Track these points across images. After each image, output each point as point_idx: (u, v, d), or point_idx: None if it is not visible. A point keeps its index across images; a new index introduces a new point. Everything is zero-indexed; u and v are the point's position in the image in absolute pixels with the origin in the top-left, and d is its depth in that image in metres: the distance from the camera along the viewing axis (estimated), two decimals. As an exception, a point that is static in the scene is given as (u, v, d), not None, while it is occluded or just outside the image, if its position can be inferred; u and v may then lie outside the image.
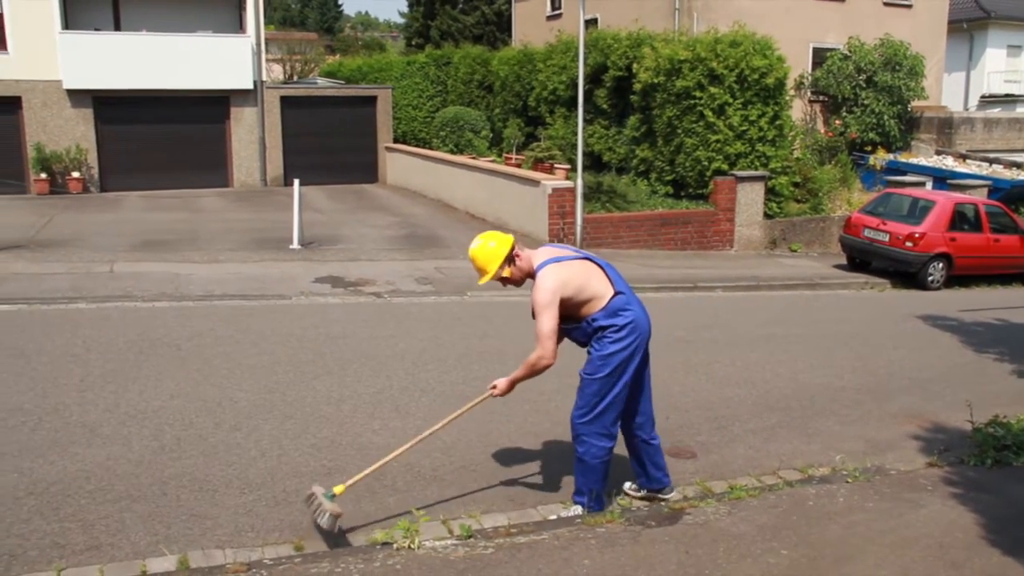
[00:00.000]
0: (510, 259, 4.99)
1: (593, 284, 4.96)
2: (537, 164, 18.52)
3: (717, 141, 16.01)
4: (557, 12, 27.76)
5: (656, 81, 16.36)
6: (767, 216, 16.69)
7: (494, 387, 5.25)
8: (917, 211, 14.98)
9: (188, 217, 17.34)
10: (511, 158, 19.87)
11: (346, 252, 13.96)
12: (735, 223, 16.33)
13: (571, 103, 18.93)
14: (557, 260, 4.97)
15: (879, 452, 6.62)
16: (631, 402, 5.19)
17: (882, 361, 9.33)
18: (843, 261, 15.86)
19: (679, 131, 16.29)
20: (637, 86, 16.99)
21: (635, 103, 17.41)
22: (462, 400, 7.27)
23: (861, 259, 15.51)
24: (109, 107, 21.57)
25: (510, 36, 34.12)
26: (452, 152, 21.88)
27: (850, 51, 22.26)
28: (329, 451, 6.10)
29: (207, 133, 22.57)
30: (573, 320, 4.99)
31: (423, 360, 8.38)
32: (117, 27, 22.46)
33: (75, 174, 21.10)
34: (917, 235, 14.32)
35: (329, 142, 23.42)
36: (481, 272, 5.01)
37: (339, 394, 7.30)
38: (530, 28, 28.60)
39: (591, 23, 22.59)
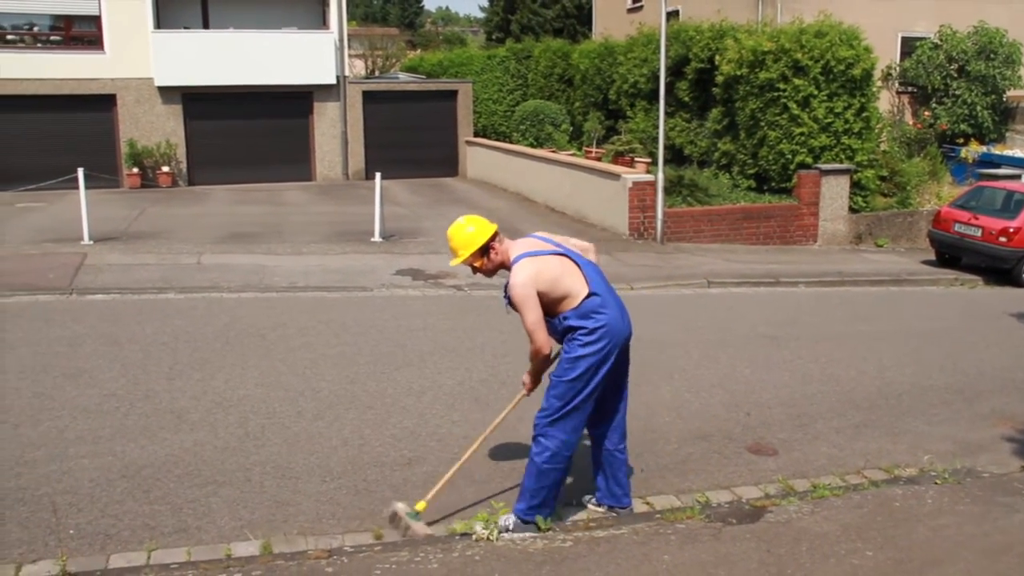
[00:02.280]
0: (484, 250, 4.82)
1: (566, 281, 4.75)
2: (617, 158, 18.41)
3: (801, 134, 15.70)
4: (638, 5, 27.53)
5: (739, 73, 16.12)
6: (852, 210, 16.32)
7: (524, 384, 5.16)
8: (1012, 205, 14.46)
9: (272, 210, 17.69)
10: (591, 152, 19.80)
11: (427, 245, 14.09)
12: (819, 217, 16.00)
13: (652, 96, 18.77)
14: (532, 254, 4.79)
15: (969, 454, 6.42)
16: (603, 408, 5.02)
17: (972, 360, 9.05)
18: (931, 257, 15.41)
19: (762, 124, 16.03)
20: (719, 78, 16.76)
21: (717, 96, 17.18)
22: (540, 393, 7.29)
23: (951, 255, 15.04)
24: (197, 103, 22.13)
25: (590, 29, 33.98)
26: (532, 146, 21.89)
27: (941, 40, 21.58)
28: (409, 441, 6.17)
29: (291, 128, 22.97)
30: (547, 315, 4.77)
31: (502, 352, 8.41)
32: (205, 25, 23.01)
33: (165, 168, 21.70)
34: (1012, 230, 13.83)
35: (410, 136, 23.63)
36: (453, 253, 4.89)
37: (419, 385, 7.38)
38: (611, 21, 28.44)
39: (673, 15, 22.35)
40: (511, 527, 4.82)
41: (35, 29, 21.99)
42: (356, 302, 10.51)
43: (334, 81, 22.65)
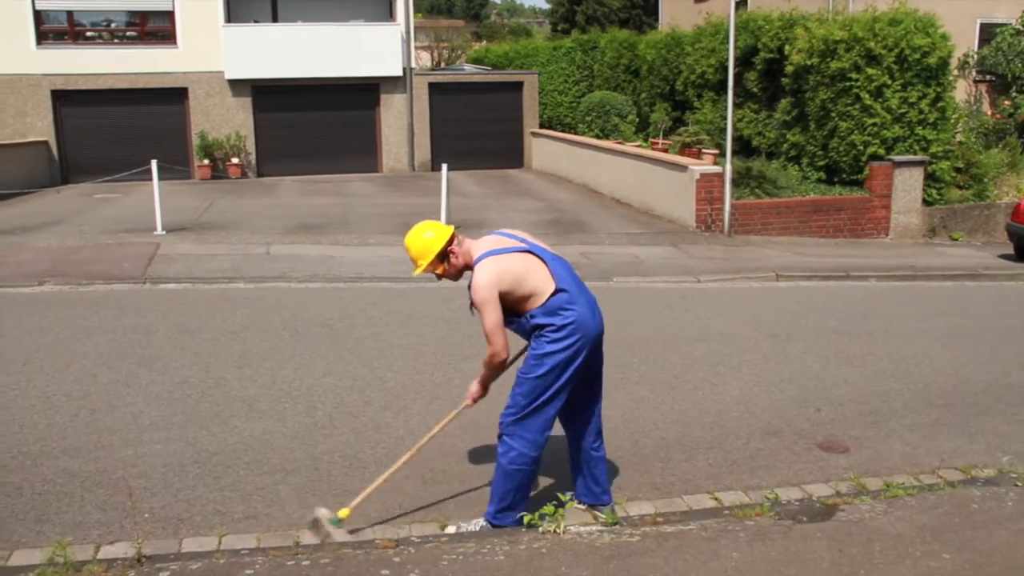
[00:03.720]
0: (444, 255, 4.70)
1: (532, 279, 4.59)
2: (684, 149, 18.21)
3: (873, 125, 15.36)
4: (706, -6, 27.19)
5: (809, 63, 15.82)
6: (926, 203, 15.93)
7: (470, 393, 4.98)
8: (1095, 198, 13.99)
9: (339, 201, 17.88)
10: (657, 143, 19.61)
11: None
12: (891, 210, 15.66)
13: (720, 87, 18.52)
14: (495, 252, 4.63)
15: (1051, 455, 6.22)
16: (576, 407, 4.91)
17: (1054, 358, 8.77)
18: (1009, 251, 14.96)
19: (833, 115, 15.72)
20: (789, 68, 16.47)
21: (786, 86, 16.89)
22: (607, 385, 7.23)
23: (1031, 249, 14.61)
24: (266, 96, 22.46)
25: (657, 20, 33.66)
26: (598, 137, 21.76)
27: (1023, 26, 20.93)
28: (475, 433, 6.18)
29: (357, 120, 23.19)
30: (513, 314, 4.66)
31: (568, 345, 8.38)
32: (274, 19, 23.33)
33: (234, 160, 22.09)
34: (1094, 224, 13.38)
35: (475, 128, 23.68)
36: (413, 263, 4.77)
37: (485, 377, 7.38)
38: (678, 11, 28.13)
39: (741, 4, 22.03)
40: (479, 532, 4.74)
41: (112, 25, 22.54)
42: (422, 293, 10.56)
43: (401, 73, 22.79)
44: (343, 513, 4.74)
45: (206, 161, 21.82)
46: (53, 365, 7.50)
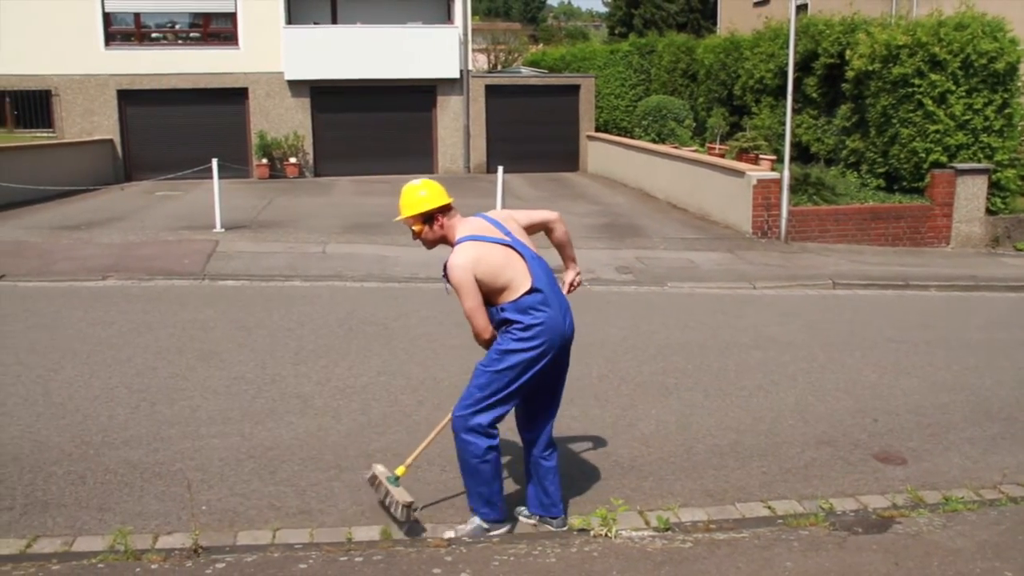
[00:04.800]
0: (429, 218, 4.66)
1: (508, 273, 4.51)
2: (741, 154, 18.06)
3: (936, 131, 15.08)
4: (765, -2, 26.94)
5: (870, 68, 15.58)
6: (990, 212, 15.59)
7: None
8: None
9: (395, 202, 17.82)
10: (714, 148, 19.47)
11: (546, 239, 14.07)
12: (952, 219, 15.34)
13: (778, 92, 18.34)
14: (477, 238, 4.57)
15: (1119, 472, 6.05)
16: (533, 412, 4.81)
17: (1122, 373, 8.53)
18: (1077, 262, 14.61)
19: (894, 121, 15.46)
20: (849, 74, 16.24)
21: (846, 91, 16.65)
22: (661, 390, 7.26)
23: (1098, 261, 14.24)
24: (324, 96, 22.73)
25: (715, 24, 33.44)
26: (654, 141, 21.66)
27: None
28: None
29: (414, 121, 23.36)
30: (485, 303, 4.57)
31: (622, 349, 8.37)
32: (334, 20, 23.61)
33: (292, 160, 22.38)
34: None
35: (531, 130, 23.71)
36: (400, 210, 4.75)
37: (538, 379, 7.39)
38: (736, 15, 27.91)
39: (801, 9, 21.78)
40: (468, 532, 4.74)
41: (176, 27, 22.99)
42: (476, 294, 10.58)
43: (458, 75, 22.91)
44: (400, 471, 4.86)
45: (264, 160, 22.15)
46: (115, 358, 7.67)
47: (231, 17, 22.29)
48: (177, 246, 12.71)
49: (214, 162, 14.29)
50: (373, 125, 23.00)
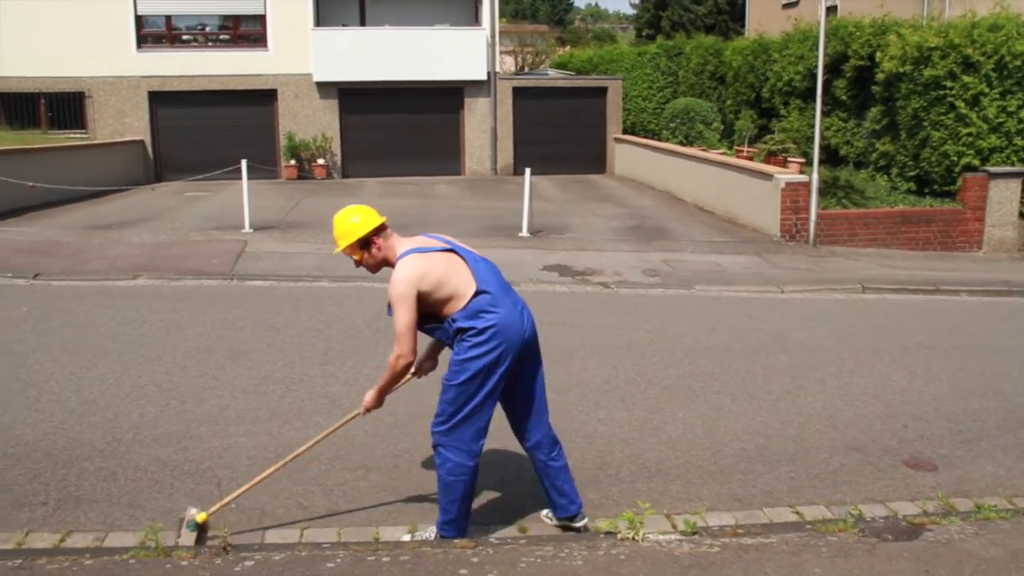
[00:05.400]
0: (366, 243, 4.55)
1: (453, 281, 4.41)
2: (769, 157, 17.97)
3: (968, 134, 14.92)
4: (793, 0, 26.79)
5: (901, 70, 15.45)
6: (1023, 216, 15.41)
7: (364, 402, 4.80)
8: None
9: (422, 203, 18.06)
10: (742, 151, 19.39)
11: (574, 241, 14.10)
12: (985, 223, 15.18)
13: (807, 94, 18.23)
14: (418, 251, 4.47)
15: None
16: (520, 417, 4.73)
17: None
18: (1112, 268, 14.41)
19: (925, 124, 15.32)
20: (880, 76, 16.11)
21: (877, 94, 16.52)
22: (688, 394, 7.24)
23: None
24: (352, 98, 22.83)
25: (743, 26, 33.30)
26: (682, 144, 21.60)
27: None
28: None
29: (441, 123, 23.42)
30: (435, 319, 4.49)
31: (649, 352, 8.34)
32: (362, 23, 23.71)
33: (320, 161, 22.50)
34: None
35: (558, 132, 23.71)
36: (334, 242, 4.66)
37: (565, 382, 7.39)
38: (765, 17, 27.78)
39: (831, 10, 21.65)
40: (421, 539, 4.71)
41: (206, 29, 23.19)
42: (502, 296, 10.60)
43: (485, 77, 22.95)
44: (201, 517, 4.55)
45: (293, 161, 22.28)
46: (146, 356, 7.75)
47: (260, 19, 22.45)
48: (206, 246, 12.81)
49: (243, 163, 14.40)
50: (401, 127, 23.08)
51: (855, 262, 13.48)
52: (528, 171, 14.57)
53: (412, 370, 4.75)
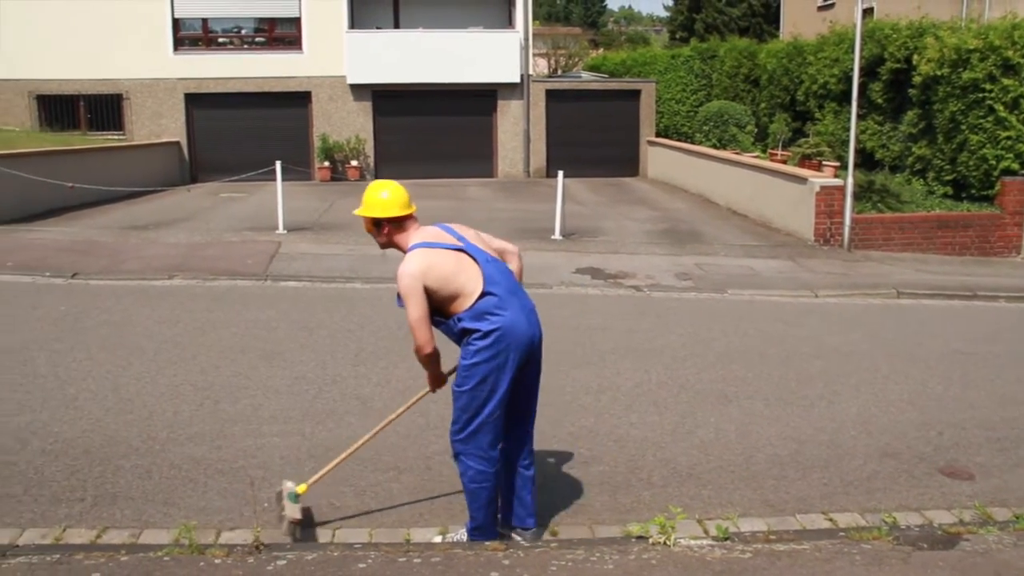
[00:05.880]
0: (377, 223, 4.60)
1: (460, 279, 4.40)
2: (804, 161, 17.83)
3: (1008, 138, 14.71)
4: (829, 2, 26.60)
5: (939, 73, 15.27)
6: (1063, 222, 15.18)
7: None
8: None
9: (455, 205, 18.10)
10: (776, 154, 19.26)
11: (606, 244, 14.08)
12: (1024, 228, 14.99)
13: (842, 97, 18.07)
14: (428, 245, 4.47)
15: None
16: (511, 420, 4.69)
17: None
18: None
19: (963, 127, 15.13)
20: (916, 79, 15.94)
21: (913, 97, 16.35)
22: (721, 398, 7.21)
23: None
24: (386, 100, 22.94)
25: (778, 28, 33.08)
26: (715, 147, 21.50)
27: None
28: (586, 440, 6.18)
29: (474, 125, 23.46)
30: (442, 316, 4.48)
31: (682, 356, 8.31)
32: (396, 25, 23.83)
33: (353, 163, 22.63)
34: None
35: (591, 135, 23.67)
36: (361, 204, 4.66)
37: (597, 385, 7.38)
38: (800, 19, 27.58)
39: (867, 12, 21.44)
40: (451, 541, 4.71)
41: (242, 32, 23.40)
42: (536, 299, 10.51)
43: (518, 80, 22.98)
44: (301, 488, 4.80)
45: (326, 163, 22.44)
46: (181, 355, 7.83)
47: (295, 22, 22.63)
48: (241, 247, 12.93)
49: (277, 164, 14.51)
50: (434, 129, 23.15)
51: (890, 267, 13.35)
52: (561, 173, 14.57)
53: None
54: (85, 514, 4.93)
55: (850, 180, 14.20)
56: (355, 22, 22.80)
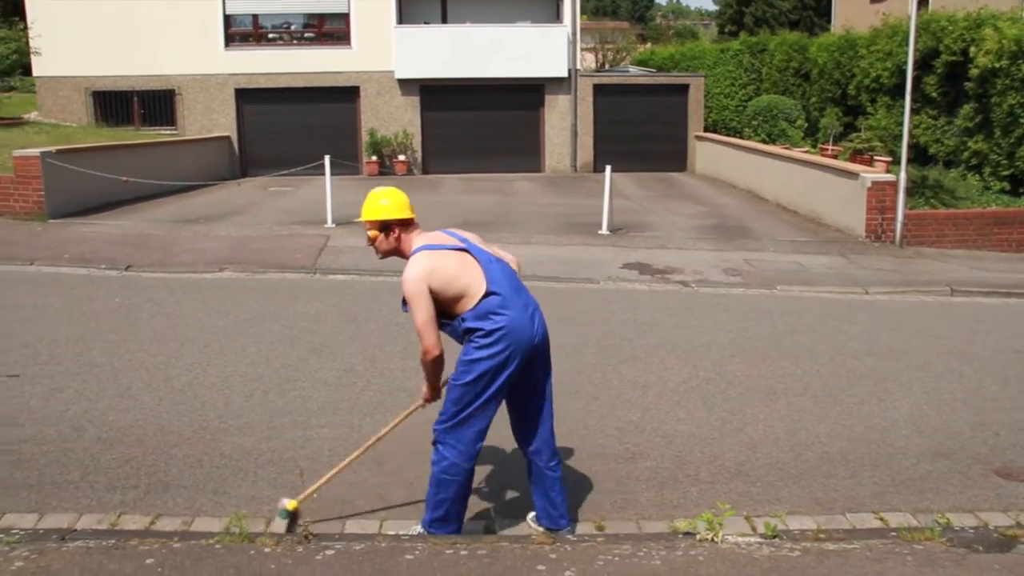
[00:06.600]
0: (386, 227, 4.63)
1: (463, 280, 4.42)
2: (855, 156, 17.58)
3: (1068, 133, 14.40)
4: (884, -6, 26.10)
5: (997, 66, 14.96)
6: (1125, 218, 14.79)
7: (423, 394, 4.87)
8: None
9: (502, 200, 18.12)
10: (827, 149, 19.00)
11: (654, 239, 14.00)
12: (1084, 225, 14.62)
13: (895, 91, 17.78)
14: (431, 247, 4.50)
15: None
16: (526, 421, 4.69)
17: None
18: None
19: (1022, 121, 14.82)
20: (973, 72, 15.63)
21: (969, 90, 16.04)
22: (769, 395, 7.13)
23: None
24: (433, 95, 23.01)
25: (829, 21, 32.59)
26: (764, 142, 21.28)
27: None
28: (633, 435, 6.16)
29: (521, 120, 23.45)
30: (446, 317, 4.50)
31: (730, 352, 8.24)
32: (444, 20, 23.88)
33: (401, 157, 22.74)
34: None
35: (639, 130, 23.54)
36: (361, 212, 4.69)
37: (644, 380, 7.35)
38: (852, 12, 27.14)
39: (922, 4, 21.05)
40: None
41: (291, 27, 23.62)
42: (583, 293, 10.60)
43: (566, 74, 22.91)
44: (291, 505, 4.73)
45: (374, 157, 22.57)
46: (231, 347, 7.94)
47: (344, 17, 22.78)
48: (289, 240, 13.06)
49: (326, 159, 14.62)
50: (481, 124, 23.19)
51: (944, 264, 13.11)
52: (608, 168, 14.50)
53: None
54: (139, 501, 5.03)
55: (903, 175, 13.96)
56: (403, 17, 22.89)
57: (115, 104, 22.60)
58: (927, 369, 8.03)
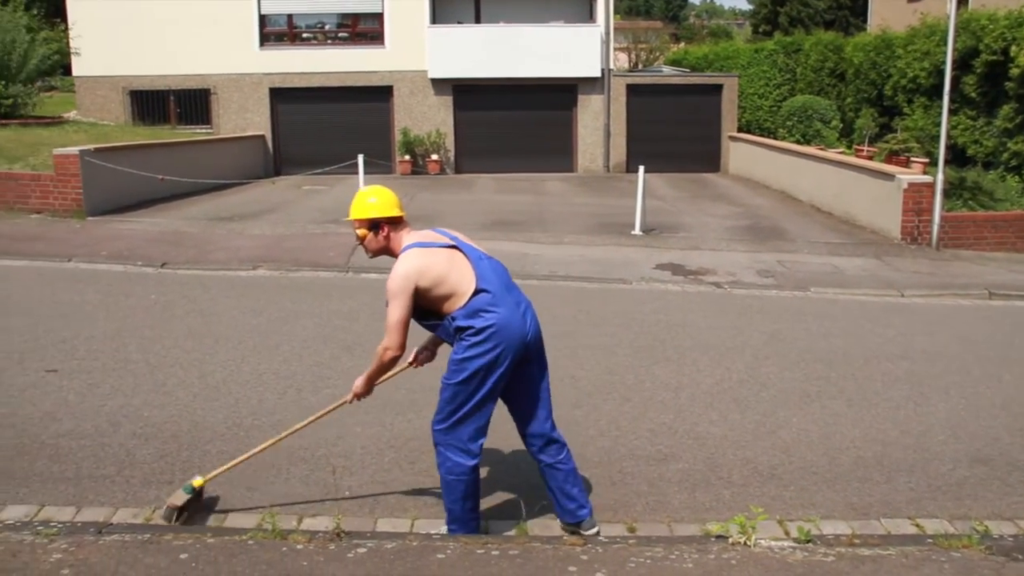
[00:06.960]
0: (375, 226, 4.59)
1: (453, 278, 4.38)
2: (891, 157, 17.39)
3: (1111, 134, 14.16)
4: (921, -6, 25.81)
5: (1038, 66, 14.76)
6: None
7: (353, 389, 4.87)
8: None
9: (534, 200, 18.11)
10: (862, 150, 18.83)
11: (687, 240, 13.93)
12: None
13: (933, 92, 17.58)
14: (421, 245, 4.46)
15: None
16: (523, 420, 4.66)
17: None
18: None
19: (1063, 122, 14.61)
20: (1014, 71, 15.42)
21: (1010, 91, 15.82)
22: (803, 398, 7.08)
23: None
24: (466, 94, 23.05)
25: (865, 21, 32.30)
26: (799, 142, 21.11)
27: None
28: (666, 437, 6.13)
29: (554, 120, 23.42)
30: (436, 316, 4.46)
31: (763, 354, 8.17)
32: (477, 20, 23.91)
33: (434, 156, 22.80)
34: None
35: (672, 130, 23.43)
36: (349, 210, 4.66)
37: (677, 381, 7.31)
38: (888, 11, 26.86)
39: (961, 3, 20.80)
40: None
41: (325, 27, 23.76)
42: (615, 294, 10.56)
43: (599, 74, 22.86)
44: (197, 482, 4.85)
45: (407, 157, 22.65)
46: (264, 344, 7.99)
47: (378, 17, 22.88)
48: (323, 239, 13.13)
49: (359, 158, 14.71)
50: (514, 123, 23.19)
51: (982, 267, 12.93)
52: (642, 169, 14.45)
53: (409, 359, 4.92)
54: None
55: (940, 177, 13.79)
56: (436, 17, 22.95)
57: (152, 103, 22.85)
58: (964, 373, 7.92)
